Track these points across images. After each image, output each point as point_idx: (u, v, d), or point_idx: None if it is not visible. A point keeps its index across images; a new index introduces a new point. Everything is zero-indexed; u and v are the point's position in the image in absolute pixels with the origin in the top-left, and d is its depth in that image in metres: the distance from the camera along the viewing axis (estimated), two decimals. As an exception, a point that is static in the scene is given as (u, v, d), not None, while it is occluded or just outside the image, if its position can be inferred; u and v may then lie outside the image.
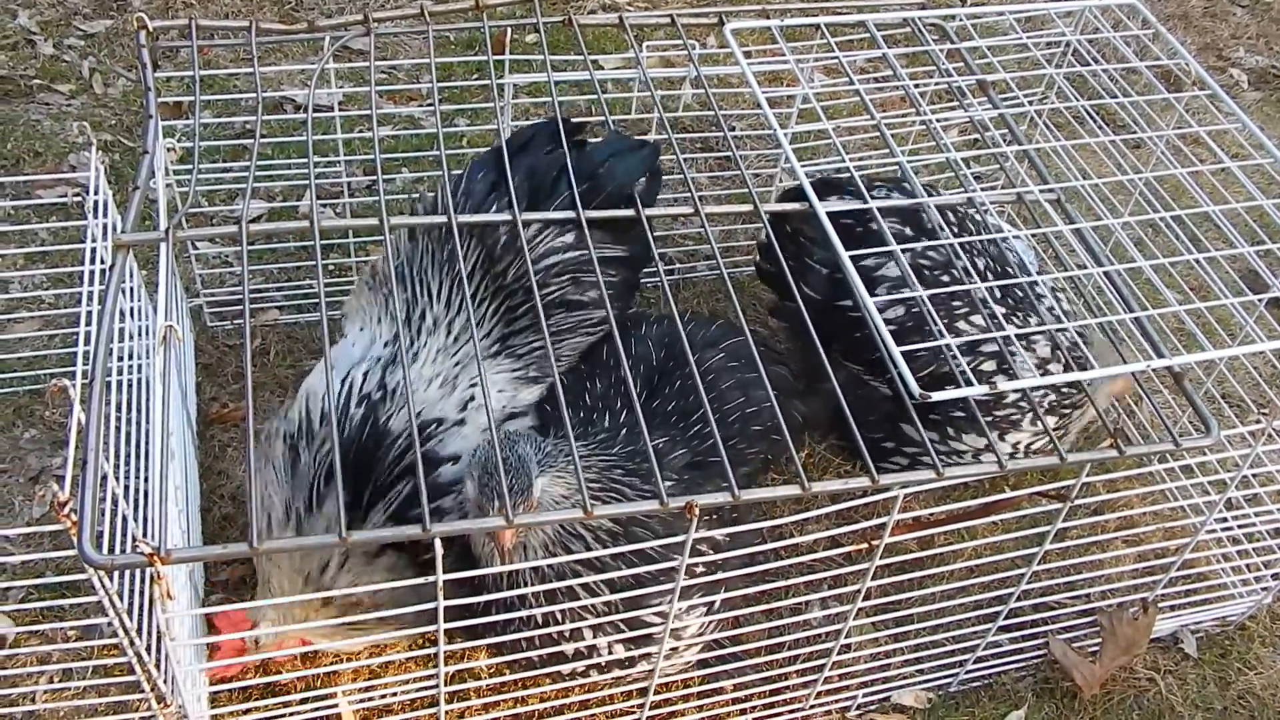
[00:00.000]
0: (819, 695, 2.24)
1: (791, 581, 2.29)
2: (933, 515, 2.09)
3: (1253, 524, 2.49)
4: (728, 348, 2.33)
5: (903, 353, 1.65)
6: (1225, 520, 2.44)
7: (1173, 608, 2.44)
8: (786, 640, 2.12)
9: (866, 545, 1.83)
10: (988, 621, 2.20)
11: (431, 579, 1.52)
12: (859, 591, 1.90)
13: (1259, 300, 2.19)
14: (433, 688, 1.79)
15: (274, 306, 2.87)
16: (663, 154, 2.86)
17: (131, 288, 2.07)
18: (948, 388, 1.66)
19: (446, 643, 1.65)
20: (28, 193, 3.05)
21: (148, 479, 1.79)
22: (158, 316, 1.70)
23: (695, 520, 1.54)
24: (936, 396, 1.64)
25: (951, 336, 1.76)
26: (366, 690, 2.13)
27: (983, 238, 2.33)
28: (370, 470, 1.94)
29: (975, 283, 1.92)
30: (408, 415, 1.94)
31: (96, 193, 2.07)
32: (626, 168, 2.22)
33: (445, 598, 1.57)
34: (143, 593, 1.72)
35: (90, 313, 1.93)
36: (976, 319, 2.24)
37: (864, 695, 2.32)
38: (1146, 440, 2.76)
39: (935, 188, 2.60)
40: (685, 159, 3.24)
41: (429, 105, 3.39)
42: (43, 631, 2.19)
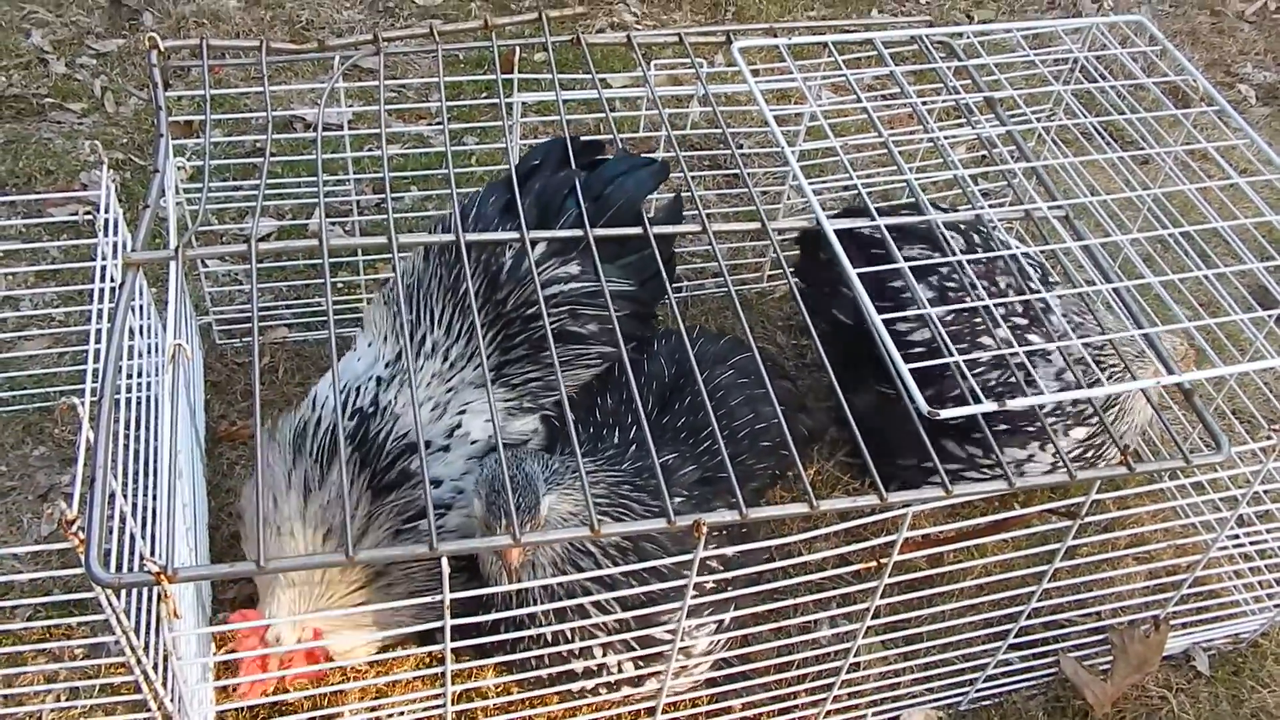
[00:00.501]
0: (828, 714, 2.22)
1: (800, 600, 2.28)
2: (942, 533, 2.08)
3: (1264, 540, 2.47)
4: (737, 364, 2.33)
5: (935, 370, 1.65)
6: (1237, 537, 2.43)
7: (1184, 625, 2.42)
8: (795, 659, 2.11)
9: (875, 563, 1.82)
10: (998, 640, 2.19)
11: (438, 595, 1.52)
12: (868, 610, 1.89)
13: (1269, 316, 2.18)
14: (439, 707, 1.78)
15: (283, 324, 2.88)
16: (671, 172, 2.88)
17: (141, 306, 2.07)
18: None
19: (455, 661, 1.65)
20: (39, 211, 3.07)
21: (156, 497, 1.80)
22: (167, 334, 1.70)
23: (703, 538, 1.54)
24: (944, 414, 1.63)
25: (976, 352, 1.77)
26: (373, 710, 2.13)
27: (998, 253, 2.33)
28: (356, 479, 1.96)
29: (996, 299, 1.92)
30: (394, 430, 2.00)
31: (107, 211, 2.08)
32: (635, 183, 2.23)
33: (454, 615, 1.56)
34: (150, 611, 1.72)
35: (100, 331, 1.94)
36: (1000, 334, 2.24)
37: (873, 715, 2.30)
38: (1157, 457, 2.74)
39: (955, 207, 2.60)
40: (693, 177, 3.25)
41: (438, 124, 3.40)
42: (50, 649, 2.19)
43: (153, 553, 1.40)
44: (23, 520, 2.45)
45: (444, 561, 1.47)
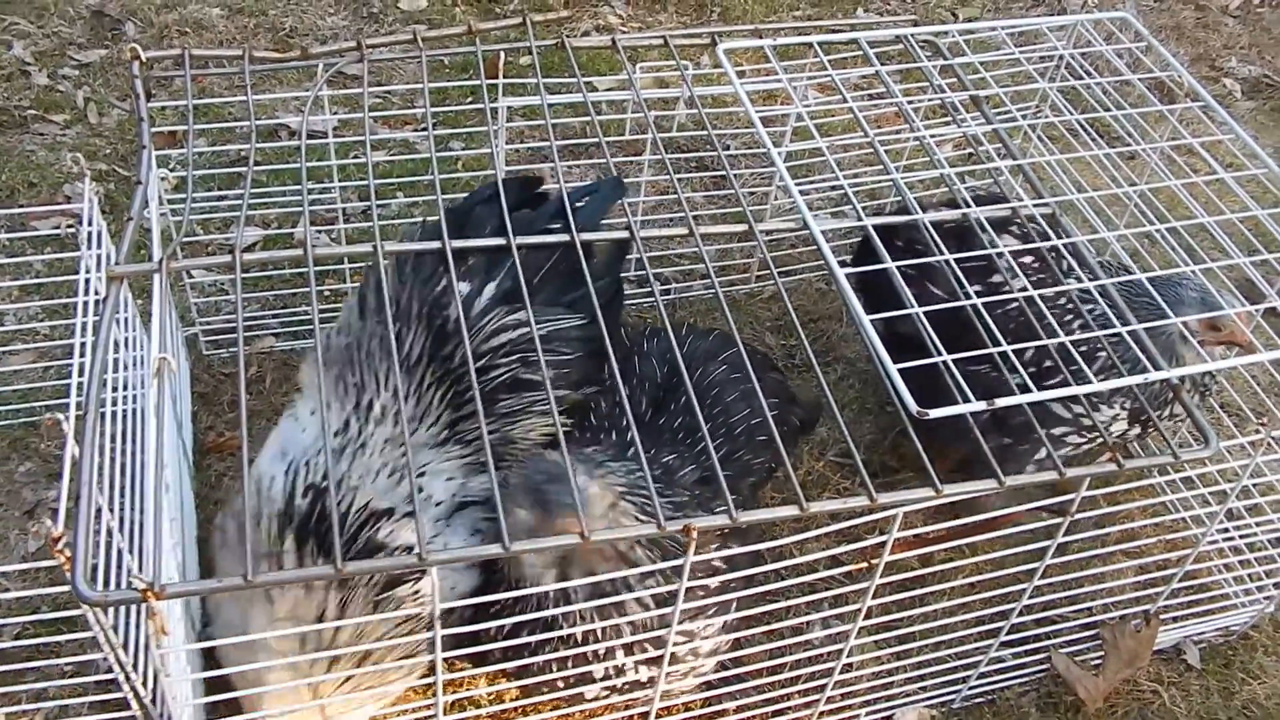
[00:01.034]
0: (821, 715, 2.22)
1: (793, 601, 2.29)
2: (933, 532, 2.08)
3: (1254, 533, 2.48)
4: (728, 359, 2.33)
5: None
6: (1226, 530, 2.44)
7: (1175, 619, 2.43)
8: (788, 660, 2.11)
9: (867, 563, 1.82)
10: (990, 637, 2.19)
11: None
12: (860, 610, 1.89)
13: (1255, 310, 2.18)
14: (431, 717, 1.77)
15: (269, 334, 2.87)
16: (657, 174, 2.88)
17: (126, 318, 2.06)
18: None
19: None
20: (22, 224, 3.05)
21: (143, 511, 1.78)
22: (152, 347, 1.69)
23: (694, 542, 1.54)
24: (934, 414, 1.64)
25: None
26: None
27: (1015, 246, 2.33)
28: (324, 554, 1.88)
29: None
30: (355, 503, 1.91)
31: (90, 223, 2.07)
32: (588, 211, 2.21)
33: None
34: (139, 627, 1.71)
35: (84, 344, 1.92)
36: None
37: (867, 714, 2.30)
38: (1146, 453, 2.75)
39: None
40: (680, 179, 3.25)
41: (423, 129, 3.39)
42: (39, 667, 2.18)
43: (140, 568, 1.39)
44: (9, 537, 2.44)
45: (433, 572, 1.47)
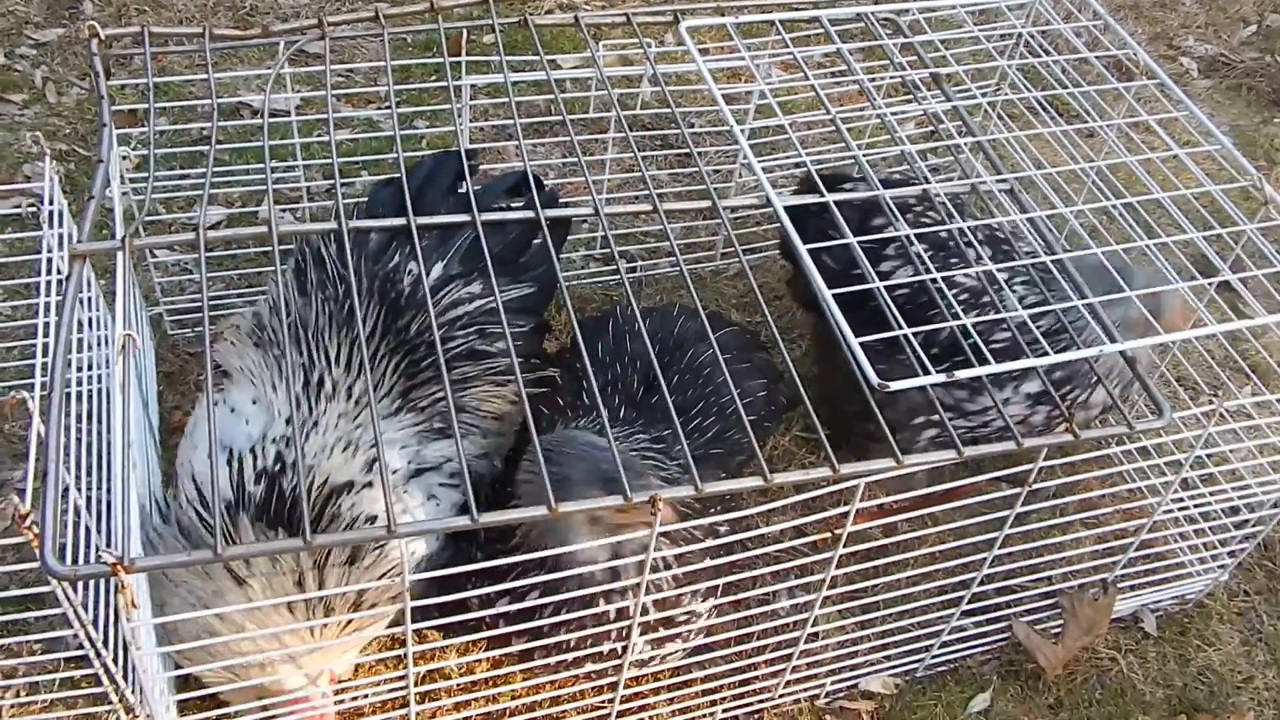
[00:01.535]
0: (788, 684, 2.26)
1: (759, 572, 2.32)
2: (896, 503, 2.11)
3: (1208, 503, 2.53)
4: (719, 339, 2.36)
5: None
6: (1182, 500, 2.49)
7: (1132, 588, 2.49)
8: (755, 630, 2.14)
9: (830, 534, 1.85)
10: (952, 607, 2.23)
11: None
12: (824, 580, 1.92)
13: (1209, 284, 2.23)
14: (403, 689, 1.79)
15: (235, 313, 2.85)
16: (622, 152, 2.88)
17: (90, 298, 2.05)
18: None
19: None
20: (-18, 204, 3.02)
21: (110, 490, 1.79)
22: (116, 325, 1.69)
23: (659, 514, 1.56)
24: (894, 386, 1.66)
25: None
26: (338, 693, 2.13)
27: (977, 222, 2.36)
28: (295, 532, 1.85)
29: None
30: (314, 480, 1.91)
31: (51, 203, 2.05)
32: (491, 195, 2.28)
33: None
34: (108, 604, 1.72)
35: (48, 324, 1.91)
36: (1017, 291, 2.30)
37: (832, 683, 2.34)
38: (1103, 424, 2.80)
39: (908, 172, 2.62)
40: (645, 156, 3.25)
41: (387, 108, 3.38)
42: (7, 645, 2.18)
43: (109, 544, 1.40)
44: (-25, 517, 2.42)
45: (403, 544, 1.48)
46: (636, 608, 1.81)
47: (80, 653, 1.60)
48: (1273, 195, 2.15)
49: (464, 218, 1.95)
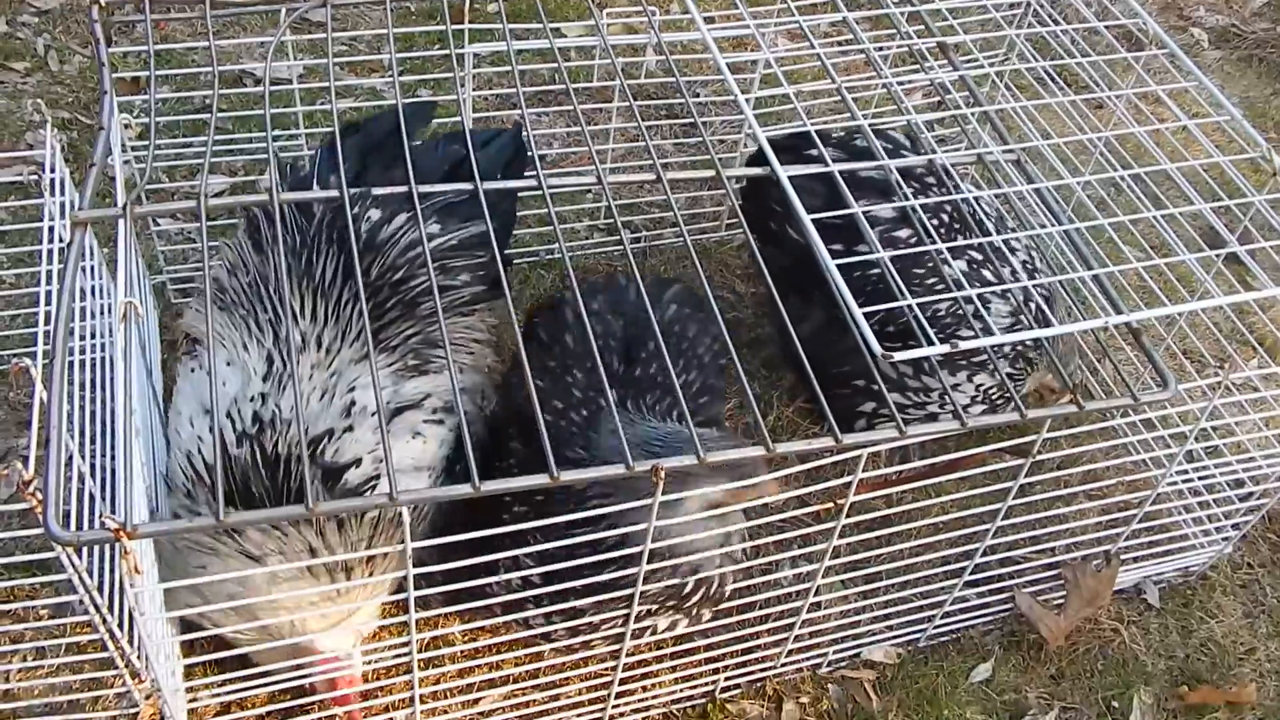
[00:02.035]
0: (790, 654, 2.27)
1: (761, 541, 2.32)
2: (899, 473, 2.12)
3: (1212, 476, 2.53)
4: (673, 298, 2.39)
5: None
6: (1186, 473, 2.49)
7: (1135, 559, 2.49)
8: (757, 600, 2.15)
9: (833, 504, 1.85)
10: (954, 577, 2.24)
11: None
12: (827, 550, 1.93)
13: (1216, 256, 2.22)
14: (406, 656, 1.80)
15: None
16: (626, 121, 2.86)
17: (92, 266, 2.05)
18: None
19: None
20: (-15, 172, 3.01)
21: (114, 457, 1.79)
22: (117, 292, 1.68)
23: (661, 484, 1.56)
24: (898, 357, 1.66)
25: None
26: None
27: (954, 196, 2.35)
28: (280, 497, 1.90)
29: (942, 237, 1.94)
30: (293, 434, 1.91)
31: (53, 171, 2.05)
32: (496, 148, 2.33)
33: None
34: (114, 569, 1.72)
35: (50, 292, 1.91)
36: (959, 264, 2.29)
37: (834, 652, 2.35)
38: (1109, 396, 2.79)
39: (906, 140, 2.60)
40: (649, 126, 3.23)
41: (390, 77, 3.36)
42: (14, 610, 2.19)
43: (112, 511, 1.40)
44: (-20, 484, 2.44)
45: (404, 511, 1.49)
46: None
47: (86, 618, 1.61)
48: (1282, 166, 2.13)
49: (468, 186, 1.93)
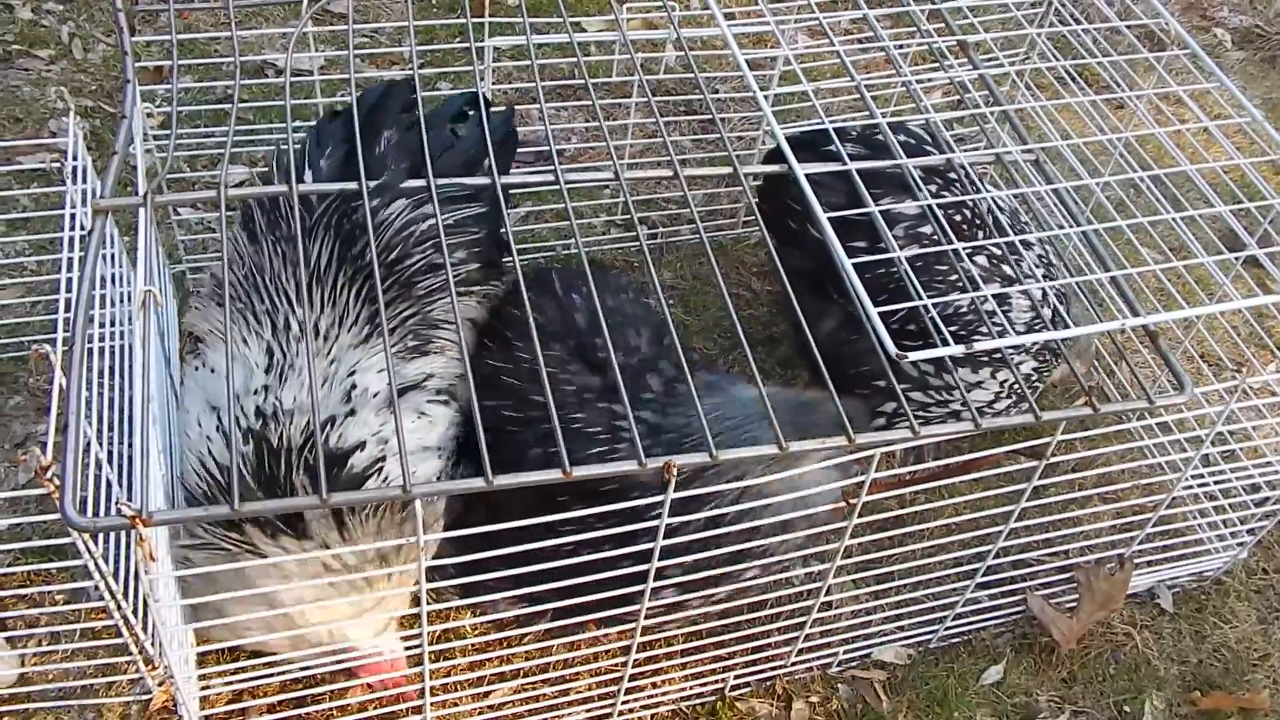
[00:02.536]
0: (800, 653, 2.27)
1: (771, 540, 2.32)
2: (912, 474, 2.11)
3: (1228, 480, 2.52)
4: (606, 283, 2.34)
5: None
6: (1201, 476, 2.48)
7: (1149, 563, 2.48)
8: (768, 598, 2.15)
9: (845, 504, 1.85)
10: (967, 578, 2.23)
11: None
12: (839, 550, 1.93)
13: (1236, 259, 2.20)
14: (417, 647, 1.81)
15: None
16: (645, 116, 2.86)
17: (112, 254, 2.06)
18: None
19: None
20: (8, 159, 3.03)
21: (131, 445, 1.80)
22: (137, 280, 1.70)
23: (673, 480, 1.56)
24: (913, 356, 1.65)
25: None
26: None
27: (971, 197, 2.35)
28: (289, 490, 1.90)
29: (963, 233, 1.93)
30: (296, 424, 1.91)
31: (76, 158, 2.06)
32: (478, 132, 2.23)
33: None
34: (129, 556, 1.74)
35: (70, 279, 1.93)
36: (980, 259, 2.30)
37: (845, 652, 2.35)
38: (1125, 398, 2.78)
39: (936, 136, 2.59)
40: (667, 121, 3.23)
41: (410, 69, 3.37)
42: (30, 595, 2.21)
43: (129, 498, 1.41)
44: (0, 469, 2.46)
45: (417, 504, 1.49)
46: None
47: (101, 604, 1.62)
48: (1304, 170, 2.12)
49: (485, 181, 1.94)
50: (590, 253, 2.97)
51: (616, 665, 2.13)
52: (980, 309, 2.19)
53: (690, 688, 2.26)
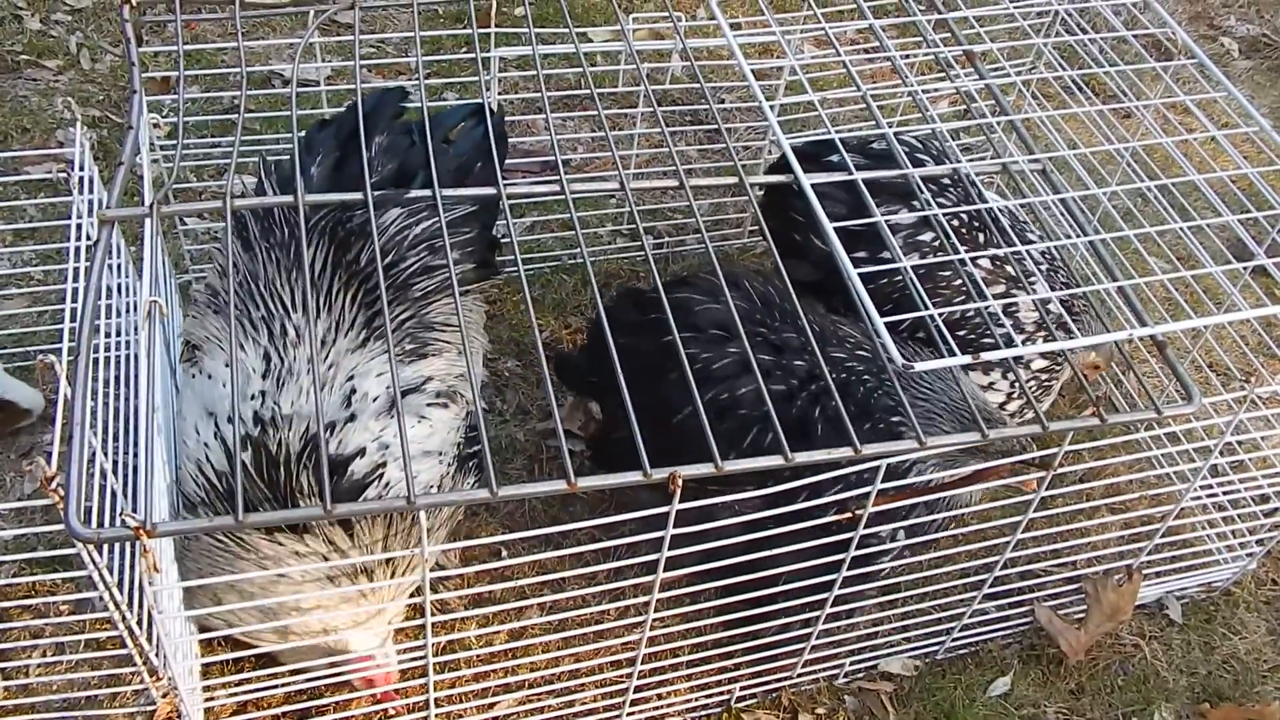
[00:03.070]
0: (807, 664, 2.26)
1: (777, 551, 2.31)
2: (917, 484, 2.10)
3: (1237, 490, 2.51)
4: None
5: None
6: (1210, 487, 2.46)
7: (1158, 574, 2.47)
8: (775, 609, 2.14)
9: (851, 514, 1.84)
10: (974, 590, 2.22)
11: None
12: (844, 561, 1.92)
13: (1244, 268, 2.20)
14: (422, 658, 1.80)
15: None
16: (651, 127, 2.86)
17: (119, 264, 2.07)
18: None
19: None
20: (15, 169, 3.05)
21: (137, 455, 1.80)
22: (143, 291, 1.70)
23: (679, 491, 1.55)
24: (920, 367, 1.65)
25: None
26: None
27: (976, 206, 2.34)
28: (289, 500, 1.90)
29: (963, 237, 1.92)
30: (295, 430, 1.91)
31: (82, 168, 2.07)
32: (480, 131, 2.28)
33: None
34: (133, 567, 1.73)
35: (77, 289, 1.93)
36: (981, 261, 2.30)
37: (851, 664, 2.34)
38: (1133, 409, 2.77)
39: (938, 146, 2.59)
40: (674, 132, 3.23)
41: (416, 79, 3.38)
42: (35, 605, 2.21)
43: (133, 509, 1.41)
44: (5, 479, 2.46)
45: (422, 515, 1.49)
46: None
47: (105, 615, 1.62)
48: (1311, 179, 2.11)
49: (491, 191, 1.94)
50: (596, 262, 2.97)
51: (622, 676, 2.13)
52: (986, 313, 2.19)
53: (696, 699, 2.26)
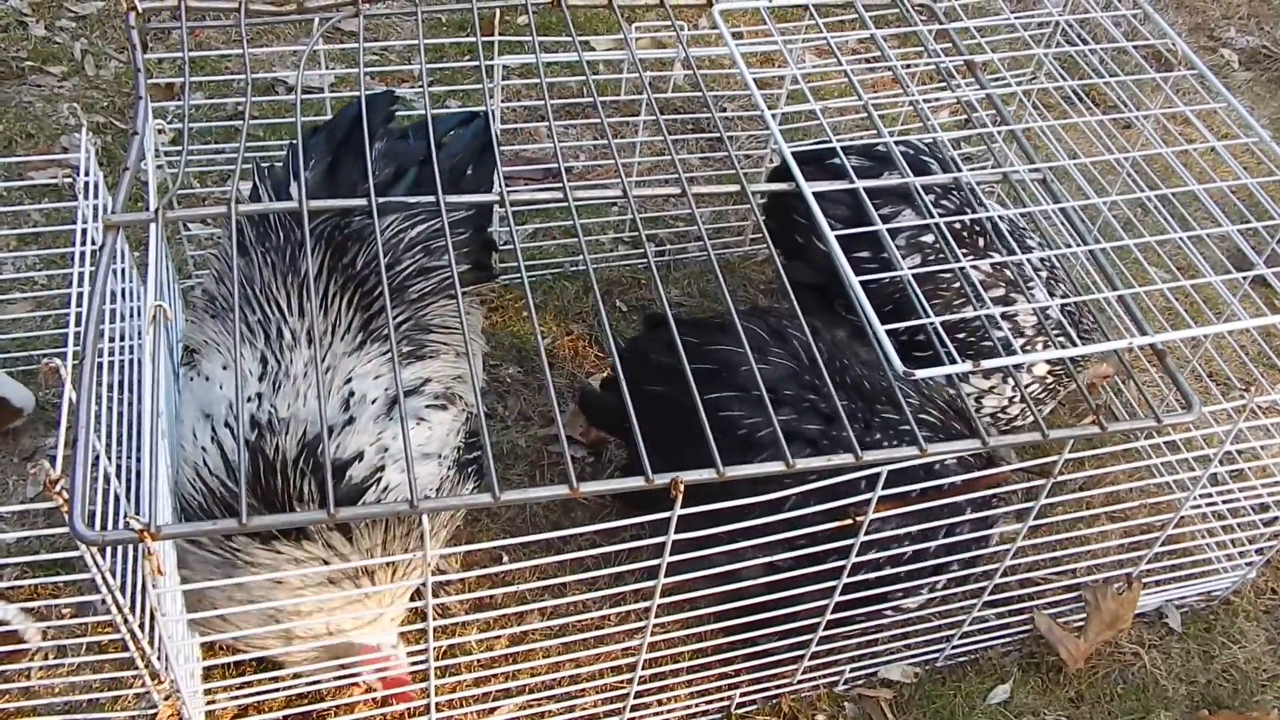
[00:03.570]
0: (806, 670, 2.26)
1: (778, 557, 2.31)
2: (916, 492, 2.10)
3: (1237, 499, 2.51)
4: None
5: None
6: (1210, 496, 2.47)
7: (1158, 583, 2.47)
8: (775, 615, 2.14)
9: (852, 521, 1.85)
10: (974, 597, 2.23)
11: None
12: (845, 567, 1.92)
13: (1243, 278, 2.20)
14: (423, 663, 1.81)
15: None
16: (653, 135, 2.88)
17: (123, 269, 2.08)
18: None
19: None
20: (20, 174, 3.06)
21: (140, 459, 1.81)
22: (147, 296, 1.71)
23: (680, 497, 1.56)
24: (920, 374, 1.66)
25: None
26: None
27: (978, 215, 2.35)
28: (286, 507, 1.90)
29: (963, 240, 1.93)
30: (293, 433, 1.92)
31: (87, 174, 2.08)
32: (471, 133, 2.32)
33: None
34: (136, 570, 1.74)
35: (81, 294, 1.94)
36: (981, 265, 2.30)
37: (851, 671, 2.34)
38: (1133, 417, 2.77)
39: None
40: (676, 140, 3.24)
41: (420, 87, 3.39)
42: (38, 608, 2.21)
43: (137, 512, 1.42)
44: (9, 482, 2.47)
45: (425, 518, 1.50)
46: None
47: (108, 618, 1.62)
48: (1311, 189, 2.12)
49: (494, 198, 1.96)
50: (598, 269, 2.98)
51: (623, 682, 2.13)
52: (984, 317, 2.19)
53: (696, 706, 2.26)
